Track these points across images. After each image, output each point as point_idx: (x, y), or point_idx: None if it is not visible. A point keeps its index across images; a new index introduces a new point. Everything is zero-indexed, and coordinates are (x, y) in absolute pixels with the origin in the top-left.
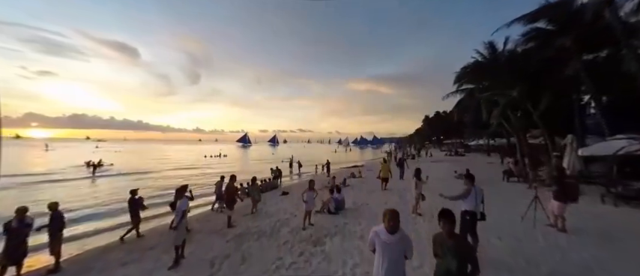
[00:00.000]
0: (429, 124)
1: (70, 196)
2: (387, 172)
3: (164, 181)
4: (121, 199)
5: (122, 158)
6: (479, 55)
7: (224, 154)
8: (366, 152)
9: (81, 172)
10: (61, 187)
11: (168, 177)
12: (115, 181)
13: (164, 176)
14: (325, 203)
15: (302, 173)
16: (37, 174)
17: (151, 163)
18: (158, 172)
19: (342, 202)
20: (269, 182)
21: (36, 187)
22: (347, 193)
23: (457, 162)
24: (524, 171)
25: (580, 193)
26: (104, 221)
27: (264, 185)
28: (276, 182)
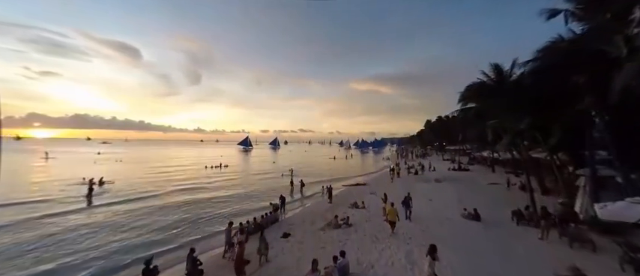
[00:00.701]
0: (431, 129)
1: (59, 245)
2: (394, 216)
3: (167, 215)
4: (123, 247)
5: (123, 171)
6: (484, 76)
7: (225, 165)
8: (368, 158)
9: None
10: (49, 225)
11: (171, 205)
12: (115, 210)
13: (167, 203)
14: (328, 274)
15: (305, 196)
16: (25, 202)
17: (153, 178)
18: (160, 194)
19: (346, 267)
20: (270, 216)
21: (18, 228)
22: (350, 238)
23: (462, 183)
24: (535, 216)
25: (595, 246)
26: None
27: (265, 220)
28: (277, 214)
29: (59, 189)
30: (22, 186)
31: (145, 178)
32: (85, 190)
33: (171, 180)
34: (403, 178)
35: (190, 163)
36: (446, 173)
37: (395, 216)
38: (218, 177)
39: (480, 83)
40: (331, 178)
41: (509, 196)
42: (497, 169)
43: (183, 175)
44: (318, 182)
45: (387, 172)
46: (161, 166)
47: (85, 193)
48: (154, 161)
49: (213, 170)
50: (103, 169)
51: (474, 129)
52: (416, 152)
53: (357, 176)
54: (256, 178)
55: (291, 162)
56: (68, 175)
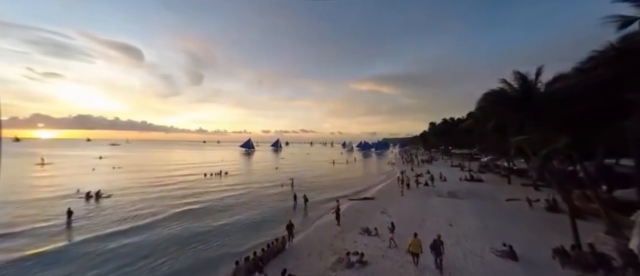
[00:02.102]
0: (436, 132)
1: None
2: (418, 248)
3: (157, 257)
4: None
5: (121, 179)
6: (505, 85)
7: (225, 172)
8: (371, 162)
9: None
10: None
11: (162, 240)
12: (94, 252)
13: (158, 239)
14: None
15: (309, 214)
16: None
17: (148, 194)
18: (152, 222)
19: None
20: (273, 246)
21: None
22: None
23: (479, 199)
24: (584, 258)
25: None
26: None
27: (268, 252)
28: (282, 242)
29: (42, 209)
30: None
31: (141, 192)
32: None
33: (167, 196)
34: (413, 191)
35: (189, 171)
36: (459, 185)
37: (419, 248)
38: (218, 190)
39: (500, 92)
40: (335, 188)
41: (538, 219)
42: (512, 180)
43: (180, 187)
44: (322, 196)
45: (394, 182)
46: (159, 176)
47: (66, 220)
48: (153, 168)
49: (213, 179)
50: (98, 179)
51: (492, 140)
52: (421, 156)
53: (363, 190)
54: (258, 190)
55: (292, 168)
56: (62, 185)
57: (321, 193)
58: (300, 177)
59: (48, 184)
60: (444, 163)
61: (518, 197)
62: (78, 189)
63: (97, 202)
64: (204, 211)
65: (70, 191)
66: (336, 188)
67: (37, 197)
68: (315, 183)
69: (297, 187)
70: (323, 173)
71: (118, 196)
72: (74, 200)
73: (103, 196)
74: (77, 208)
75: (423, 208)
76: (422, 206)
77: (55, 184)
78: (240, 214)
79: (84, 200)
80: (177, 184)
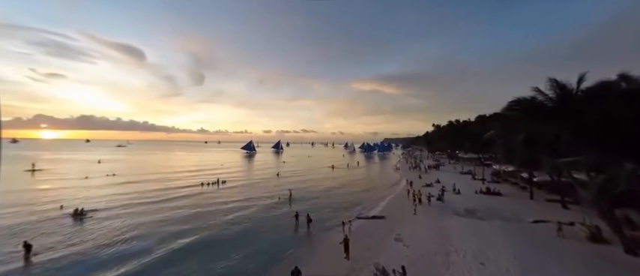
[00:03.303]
0: (441, 134)
1: None
2: None
3: None
4: None
5: (111, 191)
6: (536, 92)
7: (223, 181)
8: (375, 166)
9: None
10: None
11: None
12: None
13: (158, 242)
14: None
15: (313, 238)
16: None
17: (139, 206)
18: (151, 226)
19: None
20: None
21: None
22: None
23: (502, 219)
24: None
25: None
26: None
27: None
28: None
29: (27, 225)
30: None
31: (127, 212)
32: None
33: (154, 220)
34: (426, 207)
35: (185, 181)
36: (475, 199)
37: None
38: (212, 208)
39: (530, 101)
40: (339, 201)
41: (582, 253)
42: (533, 193)
43: (171, 206)
44: (325, 211)
45: (402, 193)
46: (151, 189)
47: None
48: (148, 176)
49: (210, 190)
50: (86, 191)
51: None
52: (426, 161)
53: (370, 204)
54: (257, 206)
55: (293, 174)
56: (46, 198)
57: (324, 207)
58: (301, 187)
59: (28, 198)
60: (452, 169)
61: (547, 219)
62: (61, 205)
63: (80, 220)
64: (189, 248)
65: (53, 206)
66: (340, 201)
67: (7, 214)
68: (318, 194)
69: (297, 200)
70: (325, 181)
71: (102, 215)
72: (49, 220)
73: (84, 216)
74: (47, 232)
75: (442, 232)
76: (440, 229)
77: (38, 196)
78: (236, 249)
79: (63, 220)
80: (169, 201)
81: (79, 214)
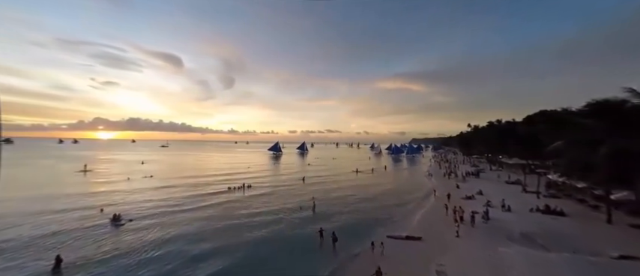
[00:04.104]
0: (479, 135)
1: None
2: None
3: None
4: None
5: (147, 196)
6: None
7: (248, 186)
8: (404, 171)
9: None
10: None
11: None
12: None
13: (181, 266)
14: None
15: (339, 259)
16: None
17: (174, 205)
18: (177, 243)
19: None
20: None
21: None
22: None
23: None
24: None
25: None
26: None
27: None
28: None
29: (36, 248)
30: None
31: (159, 218)
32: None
33: (182, 235)
34: (469, 227)
35: (214, 186)
36: (531, 220)
37: None
38: (238, 221)
39: (620, 103)
40: (367, 214)
41: None
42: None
43: (197, 217)
44: (352, 224)
45: (439, 206)
46: (183, 195)
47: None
48: (182, 180)
49: (236, 196)
50: (125, 194)
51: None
52: (463, 166)
53: (402, 219)
54: (281, 217)
55: (318, 179)
56: (89, 201)
57: (350, 221)
58: (325, 197)
59: (74, 201)
60: (495, 177)
61: (634, 253)
62: (102, 208)
63: (116, 227)
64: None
65: (93, 210)
66: (367, 213)
67: (51, 220)
68: (342, 204)
69: (321, 211)
70: (351, 189)
71: (132, 226)
72: (87, 227)
73: (120, 222)
74: (82, 242)
75: (496, 265)
76: (493, 261)
77: (83, 198)
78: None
79: (100, 227)
80: (197, 210)
81: (115, 220)
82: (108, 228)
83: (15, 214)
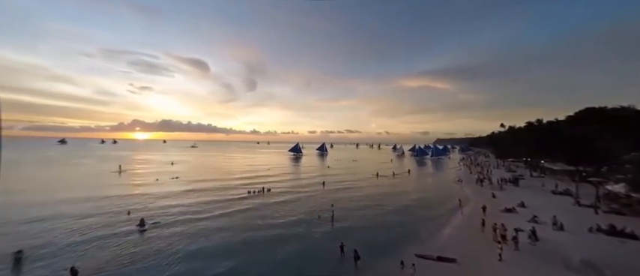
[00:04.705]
0: (515, 136)
1: None
2: None
3: None
4: None
5: (172, 200)
6: None
7: (268, 189)
8: (429, 175)
9: None
10: None
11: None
12: None
13: None
14: None
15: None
16: None
17: (196, 211)
18: (195, 258)
19: None
20: None
21: None
22: None
23: None
24: None
25: None
26: None
27: None
28: None
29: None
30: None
31: (181, 225)
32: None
33: (201, 249)
34: (513, 253)
35: (236, 190)
36: (593, 243)
37: None
38: (256, 233)
39: None
40: (391, 226)
41: None
42: None
43: (221, 223)
44: (374, 238)
45: (473, 218)
46: (205, 199)
47: None
48: (206, 182)
49: (255, 205)
50: (152, 201)
51: None
52: (498, 171)
53: (431, 234)
54: (301, 230)
55: (338, 184)
56: (119, 203)
57: (372, 233)
58: (345, 206)
59: (105, 202)
60: (539, 185)
61: None
62: (129, 211)
63: (140, 233)
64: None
65: (121, 215)
66: (390, 225)
67: (80, 224)
68: (364, 213)
69: (340, 220)
70: (373, 197)
71: (153, 234)
72: (113, 234)
73: (144, 228)
74: (103, 250)
75: None
76: None
77: (113, 200)
78: None
79: (126, 233)
80: (217, 218)
81: (141, 225)
82: (132, 236)
83: (49, 218)
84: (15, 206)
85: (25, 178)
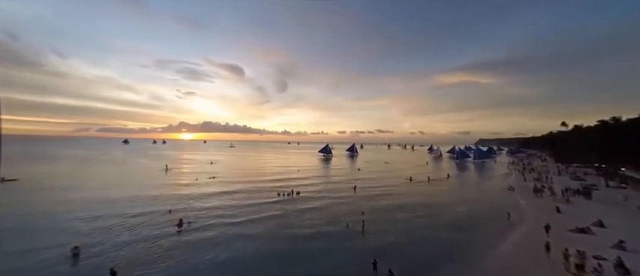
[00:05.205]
0: (580, 136)
1: None
2: None
3: None
4: None
5: (207, 201)
6: None
7: (297, 192)
8: (472, 181)
9: None
10: None
11: None
12: None
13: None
14: None
15: None
16: None
17: (228, 215)
18: (225, 269)
19: None
20: None
21: None
22: None
23: None
24: None
25: None
26: None
27: None
28: None
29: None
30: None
31: (212, 230)
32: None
33: (229, 260)
34: None
35: (266, 192)
36: None
37: None
38: (283, 246)
39: None
40: (429, 242)
41: None
42: None
43: (250, 230)
44: (412, 259)
45: (535, 242)
46: (237, 203)
47: None
48: (239, 183)
49: (284, 212)
50: (189, 201)
51: None
52: (562, 178)
53: (485, 262)
54: (330, 242)
55: (369, 187)
56: (162, 201)
57: (409, 250)
58: (377, 215)
59: (151, 200)
60: (619, 198)
61: None
62: (170, 209)
63: (178, 233)
64: None
65: (163, 213)
66: (430, 241)
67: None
68: (398, 225)
69: (373, 233)
70: (408, 206)
71: (185, 238)
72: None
73: (182, 228)
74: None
75: None
76: None
77: (158, 197)
78: None
79: (165, 236)
80: (247, 224)
81: (179, 225)
82: (170, 237)
83: (104, 216)
84: (81, 202)
85: (95, 175)
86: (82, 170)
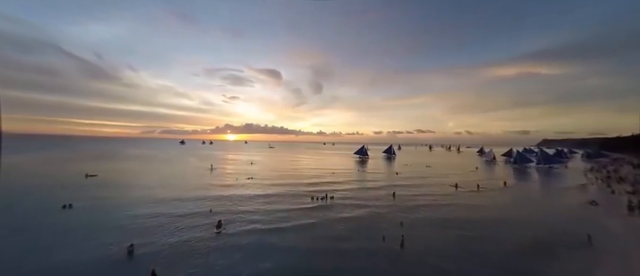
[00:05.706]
0: None
1: None
2: None
3: None
4: None
5: (245, 201)
6: None
7: (331, 197)
8: (536, 191)
9: None
10: None
11: None
12: None
13: None
14: None
15: None
16: None
17: (263, 220)
18: None
19: None
20: None
21: None
22: None
23: None
24: None
25: None
26: None
27: None
28: None
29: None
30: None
31: (247, 237)
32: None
33: (265, 269)
34: None
35: (300, 197)
36: None
37: None
38: (314, 262)
39: None
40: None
41: None
42: None
43: (282, 239)
44: None
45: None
46: (271, 208)
47: None
48: (275, 186)
49: (317, 221)
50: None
51: None
52: None
53: None
54: (364, 259)
55: (409, 194)
56: (205, 201)
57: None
58: (419, 230)
59: (195, 201)
60: None
61: None
62: (210, 209)
63: (216, 235)
64: None
65: (205, 214)
66: (486, 268)
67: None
68: (445, 244)
69: (414, 251)
70: (456, 221)
71: (217, 243)
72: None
73: (220, 231)
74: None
75: None
76: None
77: (202, 198)
78: None
79: (204, 238)
80: (280, 232)
81: (218, 227)
82: (209, 240)
83: (156, 215)
84: (141, 199)
85: (153, 173)
86: (145, 168)
